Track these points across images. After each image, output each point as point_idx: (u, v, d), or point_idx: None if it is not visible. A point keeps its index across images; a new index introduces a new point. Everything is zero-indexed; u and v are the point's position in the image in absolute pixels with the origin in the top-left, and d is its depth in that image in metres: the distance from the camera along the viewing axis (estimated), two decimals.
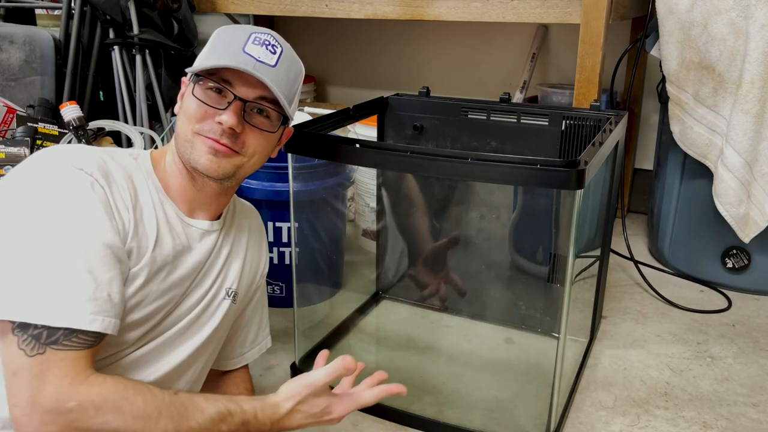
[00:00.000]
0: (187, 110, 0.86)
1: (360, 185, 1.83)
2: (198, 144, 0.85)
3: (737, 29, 1.43)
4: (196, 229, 0.90)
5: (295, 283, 1.31)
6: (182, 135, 0.86)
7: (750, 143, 1.48)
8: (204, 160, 0.85)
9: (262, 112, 0.88)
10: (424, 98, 1.49)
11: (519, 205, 1.60)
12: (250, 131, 0.87)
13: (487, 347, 1.47)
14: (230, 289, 0.96)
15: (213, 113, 0.85)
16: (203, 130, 0.85)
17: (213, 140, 0.85)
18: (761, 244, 1.61)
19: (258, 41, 0.86)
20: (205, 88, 0.85)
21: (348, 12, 1.85)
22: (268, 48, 0.86)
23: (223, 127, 0.84)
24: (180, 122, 0.87)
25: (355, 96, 2.59)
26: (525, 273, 1.62)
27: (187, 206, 0.90)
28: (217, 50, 0.86)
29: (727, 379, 1.31)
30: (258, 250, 1.05)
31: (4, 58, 1.85)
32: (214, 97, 0.85)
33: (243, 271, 0.99)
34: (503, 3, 1.65)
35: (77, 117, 1.60)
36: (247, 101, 0.85)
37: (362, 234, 1.90)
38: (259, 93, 0.86)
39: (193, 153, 0.85)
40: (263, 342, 1.11)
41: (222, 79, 0.84)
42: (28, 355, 0.68)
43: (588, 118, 1.35)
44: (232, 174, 0.88)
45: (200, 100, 0.85)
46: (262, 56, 0.85)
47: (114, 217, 0.78)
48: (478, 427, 1.14)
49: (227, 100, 0.84)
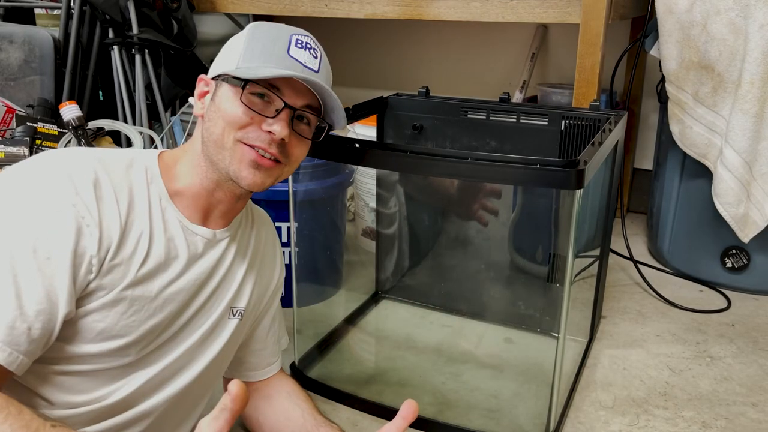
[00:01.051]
0: (228, 116, 0.80)
1: (360, 185, 1.83)
2: (240, 152, 0.80)
3: (736, 29, 1.43)
4: (201, 238, 0.85)
5: (295, 283, 1.31)
6: (219, 142, 0.80)
7: (749, 143, 1.48)
8: (246, 173, 0.80)
9: (303, 119, 0.84)
10: (423, 98, 1.49)
11: (519, 205, 1.60)
12: (295, 140, 0.83)
13: (487, 347, 1.47)
14: (237, 308, 0.92)
15: (259, 120, 0.80)
16: (248, 138, 0.80)
17: (258, 151, 0.80)
18: (761, 244, 1.61)
19: (300, 44, 0.82)
20: (250, 93, 0.80)
21: (348, 12, 1.85)
22: (310, 52, 0.82)
23: (274, 137, 0.79)
24: (217, 129, 0.81)
25: (354, 96, 2.59)
26: (524, 273, 1.62)
27: (200, 214, 0.85)
28: (261, 53, 0.81)
29: (726, 379, 1.31)
30: (272, 261, 1.00)
31: (3, 58, 1.85)
32: (258, 103, 0.80)
33: (254, 289, 0.95)
34: (503, 3, 1.65)
35: (77, 117, 1.60)
36: (296, 109, 0.82)
37: (362, 234, 1.90)
38: (306, 101, 0.83)
39: (234, 163, 0.80)
40: (283, 338, 1.09)
41: (269, 84, 0.80)
42: None
43: (587, 118, 1.35)
44: (270, 185, 0.84)
45: (248, 106, 0.79)
46: (308, 61, 0.82)
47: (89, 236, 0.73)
48: (478, 427, 1.14)
49: (275, 107, 0.80)
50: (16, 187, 0.74)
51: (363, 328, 1.54)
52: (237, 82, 0.79)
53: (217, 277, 0.88)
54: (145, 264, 0.78)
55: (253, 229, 0.96)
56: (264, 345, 1.03)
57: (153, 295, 0.80)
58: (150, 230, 0.79)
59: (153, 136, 1.71)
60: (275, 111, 0.80)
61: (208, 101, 0.84)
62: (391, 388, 1.28)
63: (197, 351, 0.88)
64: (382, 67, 2.56)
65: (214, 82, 0.84)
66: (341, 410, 1.21)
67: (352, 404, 1.21)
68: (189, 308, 0.85)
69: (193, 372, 0.88)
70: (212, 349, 0.90)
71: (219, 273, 0.88)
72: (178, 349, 0.85)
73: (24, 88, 1.86)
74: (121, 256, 0.76)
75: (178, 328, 0.85)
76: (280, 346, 1.08)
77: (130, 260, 0.77)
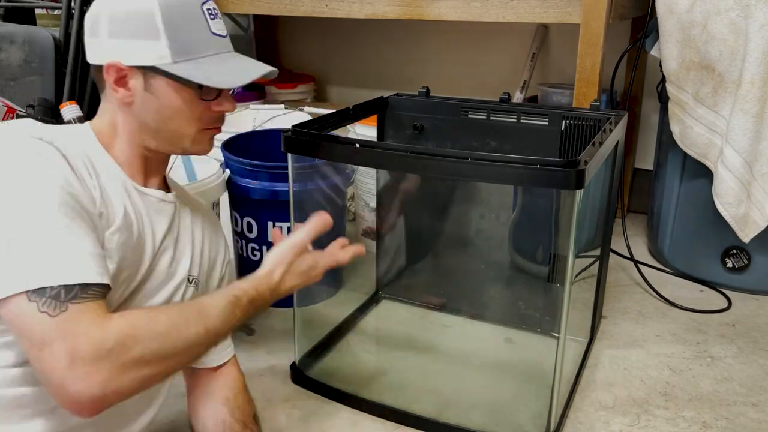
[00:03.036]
0: (178, 111, 0.85)
1: (360, 185, 1.83)
2: (203, 138, 0.88)
3: (737, 29, 1.43)
4: (152, 197, 0.90)
5: None
6: (179, 133, 0.87)
7: (750, 143, 1.48)
8: (207, 147, 0.89)
9: None
10: (424, 98, 1.49)
11: (519, 205, 1.60)
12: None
13: (487, 347, 1.47)
14: (191, 276, 0.96)
15: (206, 105, 0.86)
16: (208, 125, 0.88)
17: (217, 129, 0.89)
18: (761, 244, 1.61)
19: (213, 14, 0.86)
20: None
21: (348, 12, 1.85)
22: (218, 18, 0.87)
23: (223, 112, 0.88)
24: (172, 121, 0.85)
25: (355, 96, 2.59)
26: (525, 273, 1.62)
27: (141, 176, 0.90)
28: (183, 36, 0.83)
29: (726, 379, 1.31)
30: (216, 236, 1.05)
31: (3, 58, 1.85)
32: (198, 89, 0.85)
33: (203, 257, 0.99)
34: (503, 3, 1.65)
35: (77, 117, 1.60)
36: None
37: (362, 234, 1.90)
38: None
39: (195, 146, 0.88)
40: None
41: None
42: (52, 315, 0.66)
43: (588, 118, 1.35)
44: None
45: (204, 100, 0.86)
46: (221, 30, 0.87)
47: (80, 182, 0.78)
48: (478, 426, 1.14)
49: (215, 90, 0.86)
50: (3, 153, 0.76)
51: (363, 328, 1.54)
52: (187, 83, 0.83)
53: (172, 234, 0.92)
54: (116, 217, 0.82)
55: (189, 204, 1.01)
56: None
57: (122, 244, 0.82)
58: (108, 189, 0.83)
59: None
60: (216, 92, 0.86)
61: (139, 90, 0.84)
62: (391, 388, 1.28)
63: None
64: (382, 67, 2.56)
65: (135, 70, 0.84)
66: (341, 410, 1.21)
67: (352, 404, 1.21)
68: (152, 264, 0.88)
69: None
70: None
71: (174, 231, 0.93)
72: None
73: (24, 88, 1.86)
74: (98, 207, 0.80)
75: (141, 282, 0.87)
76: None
77: (107, 212, 0.81)
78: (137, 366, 0.69)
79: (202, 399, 1.03)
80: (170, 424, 1.15)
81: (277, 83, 2.47)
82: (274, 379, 1.30)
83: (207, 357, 1.05)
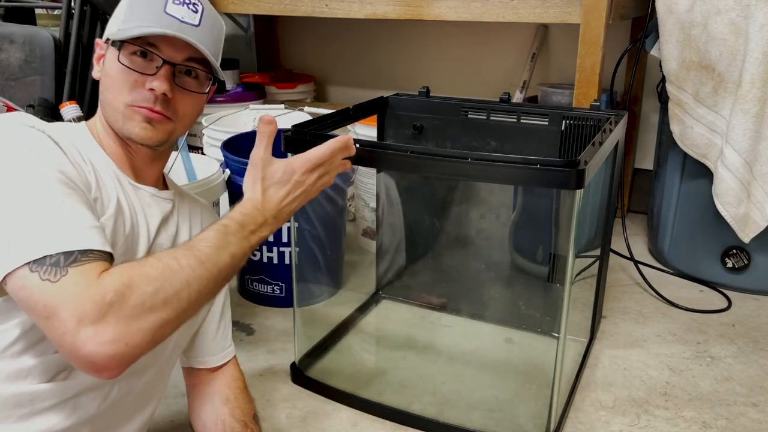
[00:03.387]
0: (114, 79, 0.85)
1: (360, 185, 1.83)
2: (132, 115, 0.85)
3: (737, 29, 1.43)
4: (145, 192, 0.90)
5: (295, 283, 1.31)
6: (113, 106, 0.85)
7: (750, 143, 1.48)
8: (139, 130, 0.85)
9: (191, 74, 0.88)
10: (424, 98, 1.49)
11: (519, 205, 1.60)
12: (180, 95, 0.87)
13: (487, 347, 1.47)
14: None
15: (142, 80, 0.84)
16: (136, 101, 0.84)
17: (147, 109, 0.84)
18: (761, 244, 1.61)
19: (178, 1, 0.85)
20: (130, 53, 0.83)
21: (348, 12, 1.85)
22: (189, 7, 0.86)
23: (156, 93, 0.83)
24: (108, 92, 0.86)
25: (355, 96, 2.59)
26: (525, 273, 1.62)
27: (131, 172, 0.90)
28: (138, 13, 0.85)
29: (726, 379, 1.31)
30: None
31: (3, 58, 1.85)
32: (140, 62, 0.84)
33: None
34: (503, 3, 1.65)
35: (77, 117, 1.60)
36: (176, 64, 0.85)
37: (362, 234, 1.90)
38: (186, 54, 0.86)
39: (127, 124, 0.85)
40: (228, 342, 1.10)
41: (147, 43, 0.83)
42: (53, 281, 0.66)
43: (588, 118, 1.35)
44: (165, 140, 0.88)
45: (127, 66, 0.83)
46: (186, 16, 0.85)
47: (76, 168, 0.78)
48: (478, 427, 1.14)
49: (155, 64, 0.84)
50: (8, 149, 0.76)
51: (363, 328, 1.54)
52: (116, 44, 0.84)
53: (168, 231, 0.92)
54: (110, 204, 0.82)
55: (187, 203, 1.00)
56: (217, 327, 1.05)
57: (119, 234, 0.83)
58: (104, 180, 0.84)
59: None
60: (155, 68, 0.84)
61: (103, 64, 0.88)
62: (391, 388, 1.29)
63: None
64: (382, 67, 2.56)
65: (106, 45, 0.87)
66: (341, 410, 1.21)
67: (352, 404, 1.21)
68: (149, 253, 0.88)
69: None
70: None
71: (170, 228, 0.93)
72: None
73: (24, 88, 1.86)
74: (95, 194, 0.80)
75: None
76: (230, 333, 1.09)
77: (101, 199, 0.81)
78: (142, 313, 0.67)
79: (203, 399, 1.03)
80: (170, 424, 1.15)
81: (277, 83, 2.47)
82: (274, 379, 1.30)
83: (208, 357, 1.05)
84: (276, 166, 0.89)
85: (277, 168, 0.89)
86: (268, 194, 0.87)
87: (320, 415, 1.19)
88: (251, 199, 0.87)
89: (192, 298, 0.72)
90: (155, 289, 0.69)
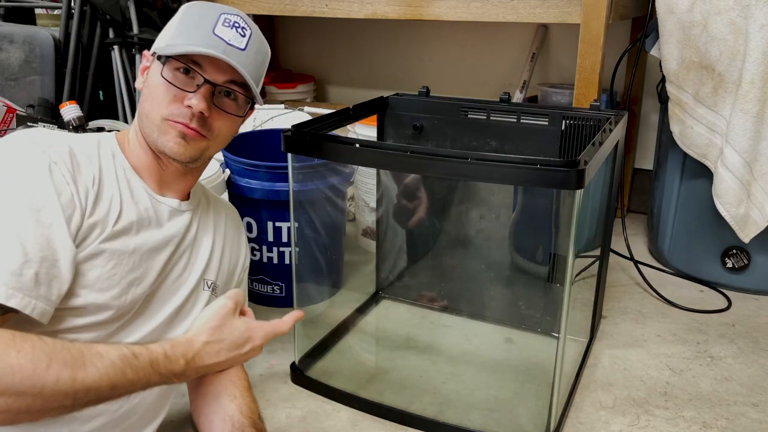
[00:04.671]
0: (154, 92, 0.85)
1: (360, 185, 1.83)
2: (167, 128, 0.85)
3: (737, 29, 1.43)
4: (166, 206, 0.90)
5: (295, 283, 1.31)
6: (150, 117, 0.86)
7: (750, 143, 1.48)
8: (172, 144, 0.85)
9: (230, 95, 0.88)
10: (424, 98, 1.49)
11: (519, 205, 1.60)
12: (217, 114, 0.87)
13: (487, 347, 1.47)
14: (209, 281, 0.96)
15: (181, 96, 0.85)
16: (172, 115, 0.85)
17: (183, 125, 0.85)
18: (761, 244, 1.61)
19: (228, 23, 0.86)
20: (174, 69, 0.84)
21: (348, 12, 1.85)
22: (237, 30, 0.86)
23: (193, 111, 0.84)
24: (147, 103, 0.87)
25: (355, 96, 2.59)
26: (525, 273, 1.62)
27: (156, 184, 0.90)
28: (187, 31, 0.86)
29: (726, 379, 1.31)
30: (237, 241, 1.05)
31: (4, 58, 1.85)
32: (182, 78, 0.85)
33: (222, 263, 0.99)
34: (503, 3, 1.65)
35: (77, 116, 1.60)
36: (216, 85, 0.86)
37: (362, 234, 1.90)
38: (228, 76, 0.86)
39: (161, 137, 0.86)
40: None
41: (191, 60, 0.84)
42: None
43: (588, 118, 1.35)
44: (198, 157, 0.88)
45: (168, 81, 0.84)
46: (233, 39, 0.85)
47: (67, 195, 0.77)
48: (478, 427, 1.14)
49: (196, 82, 0.85)
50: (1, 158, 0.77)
51: (363, 328, 1.54)
52: (162, 58, 0.85)
53: (186, 243, 0.93)
54: (119, 221, 0.83)
55: (212, 208, 1.01)
56: None
57: (131, 250, 0.83)
58: (120, 195, 0.84)
59: None
60: (196, 86, 0.85)
61: (146, 76, 0.90)
62: (391, 388, 1.29)
63: (174, 320, 0.91)
64: (382, 67, 2.56)
65: (152, 57, 0.89)
66: (341, 410, 1.21)
67: (352, 404, 1.21)
68: (164, 270, 0.89)
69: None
70: (188, 321, 0.93)
71: (187, 240, 0.93)
72: (155, 318, 0.88)
73: (24, 88, 1.86)
74: (96, 215, 0.80)
75: (155, 289, 0.88)
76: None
77: (106, 218, 0.82)
78: None
79: (208, 398, 1.03)
80: (170, 423, 1.15)
81: (277, 83, 2.47)
82: (274, 379, 1.30)
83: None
84: (237, 325, 0.86)
85: (236, 327, 0.86)
86: (205, 350, 0.83)
87: (320, 415, 1.19)
88: (187, 346, 0.81)
89: (55, 403, 0.66)
90: (10, 378, 0.63)
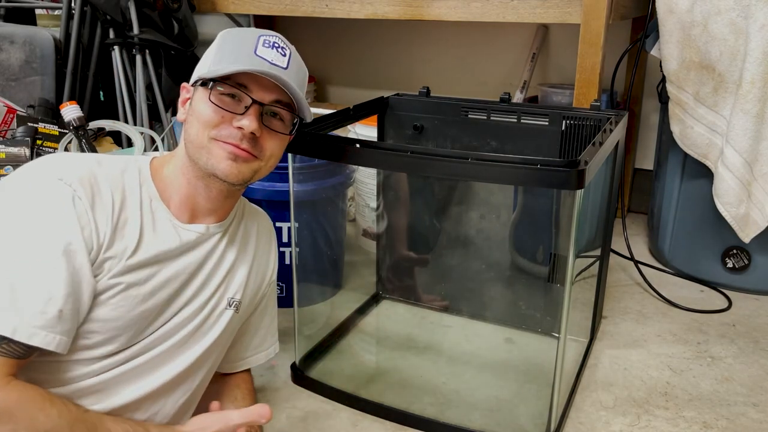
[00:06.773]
0: (201, 117, 0.85)
1: (360, 185, 1.83)
2: (216, 150, 0.85)
3: (737, 29, 1.43)
4: (192, 233, 0.89)
5: (296, 283, 1.31)
6: (197, 142, 0.85)
7: (750, 143, 1.48)
8: (224, 165, 0.85)
9: (276, 115, 0.88)
10: (424, 98, 1.49)
11: (519, 205, 1.60)
12: (267, 135, 0.87)
13: (487, 347, 1.47)
14: (233, 299, 0.95)
15: (230, 118, 0.84)
16: (221, 136, 0.84)
17: (233, 145, 0.84)
18: (761, 244, 1.61)
19: (268, 44, 0.86)
20: (220, 93, 0.84)
21: (348, 12, 1.85)
22: (278, 50, 0.86)
23: (244, 131, 0.84)
24: (193, 130, 0.86)
25: (355, 96, 2.59)
26: (525, 273, 1.62)
27: (188, 213, 0.89)
28: (228, 54, 0.86)
29: (727, 379, 1.31)
30: (266, 255, 1.04)
31: (4, 58, 1.85)
32: (229, 102, 0.85)
33: (249, 279, 0.98)
34: (503, 3, 1.65)
35: (77, 117, 1.60)
36: (264, 104, 0.85)
37: (362, 234, 1.90)
38: (274, 96, 0.86)
39: (211, 159, 0.85)
40: (271, 347, 1.10)
41: (237, 83, 0.84)
42: None
43: (588, 118, 1.35)
44: (249, 178, 0.88)
45: (217, 105, 0.84)
46: (275, 59, 0.85)
47: (88, 229, 0.78)
48: (478, 427, 1.14)
49: (244, 104, 0.84)
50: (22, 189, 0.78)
51: (363, 328, 1.54)
52: (208, 84, 0.84)
53: (208, 266, 0.92)
54: (134, 255, 0.82)
55: (243, 222, 0.99)
56: (242, 340, 1.05)
57: (143, 281, 0.83)
58: (141, 227, 0.84)
59: (154, 136, 1.71)
60: (244, 108, 0.84)
61: (188, 106, 0.89)
62: (392, 388, 1.29)
63: (191, 340, 0.90)
64: (382, 67, 2.56)
65: (192, 88, 0.89)
66: (342, 410, 1.21)
67: (352, 404, 1.21)
68: (180, 297, 0.88)
69: (186, 361, 0.89)
70: (207, 339, 0.92)
71: (210, 263, 0.92)
72: (171, 339, 0.88)
73: (25, 88, 1.86)
74: (113, 251, 0.80)
75: (170, 316, 0.87)
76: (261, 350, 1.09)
77: (123, 253, 0.81)
78: None
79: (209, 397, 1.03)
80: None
81: None
82: (275, 380, 1.30)
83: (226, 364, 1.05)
84: None
85: None
86: None
87: (320, 415, 1.19)
88: None
89: None
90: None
